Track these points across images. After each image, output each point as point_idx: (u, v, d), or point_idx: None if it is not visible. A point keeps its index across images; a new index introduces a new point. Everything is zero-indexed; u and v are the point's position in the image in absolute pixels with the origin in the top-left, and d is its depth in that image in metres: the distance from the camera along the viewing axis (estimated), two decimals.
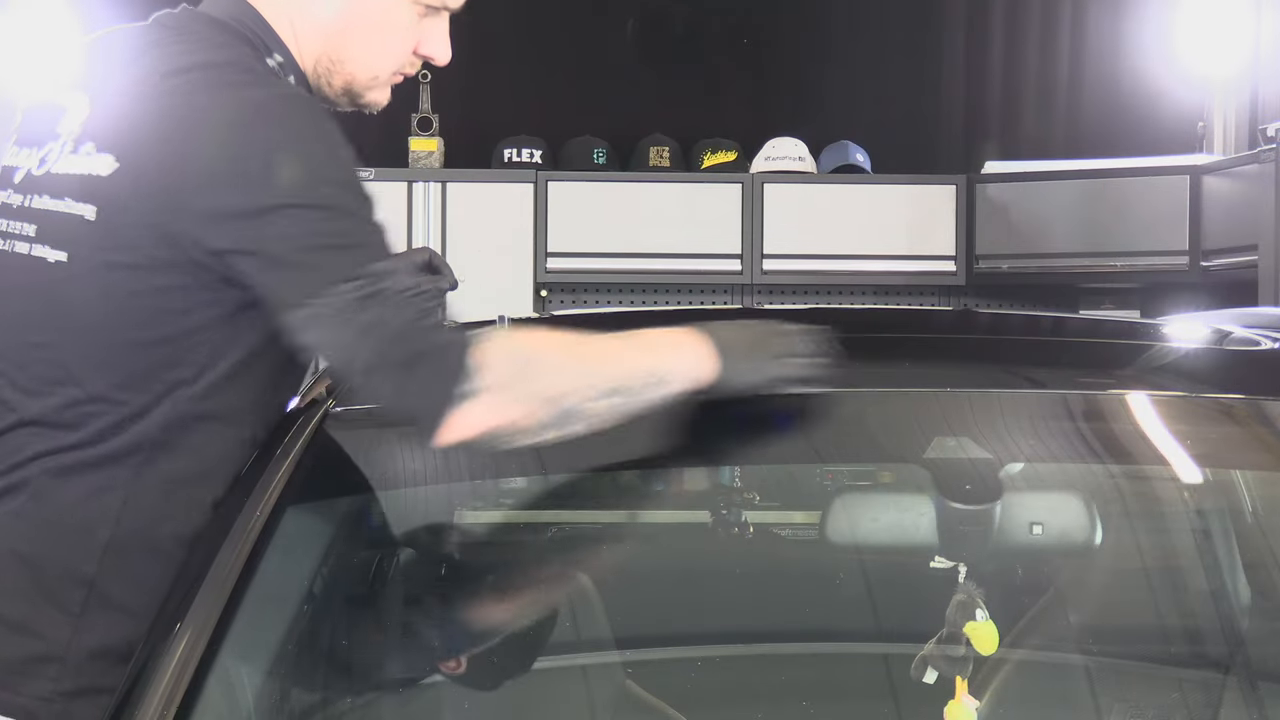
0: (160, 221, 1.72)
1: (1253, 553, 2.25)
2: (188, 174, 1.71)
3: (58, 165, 1.81)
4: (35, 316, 1.80)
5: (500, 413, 1.71)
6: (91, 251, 1.76)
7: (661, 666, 2.01)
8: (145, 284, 1.75)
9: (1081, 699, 2.02)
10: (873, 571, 2.13)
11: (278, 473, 1.79)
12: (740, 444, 1.98)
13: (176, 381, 1.77)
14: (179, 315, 1.76)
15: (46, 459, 1.78)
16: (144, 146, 1.75)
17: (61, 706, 1.75)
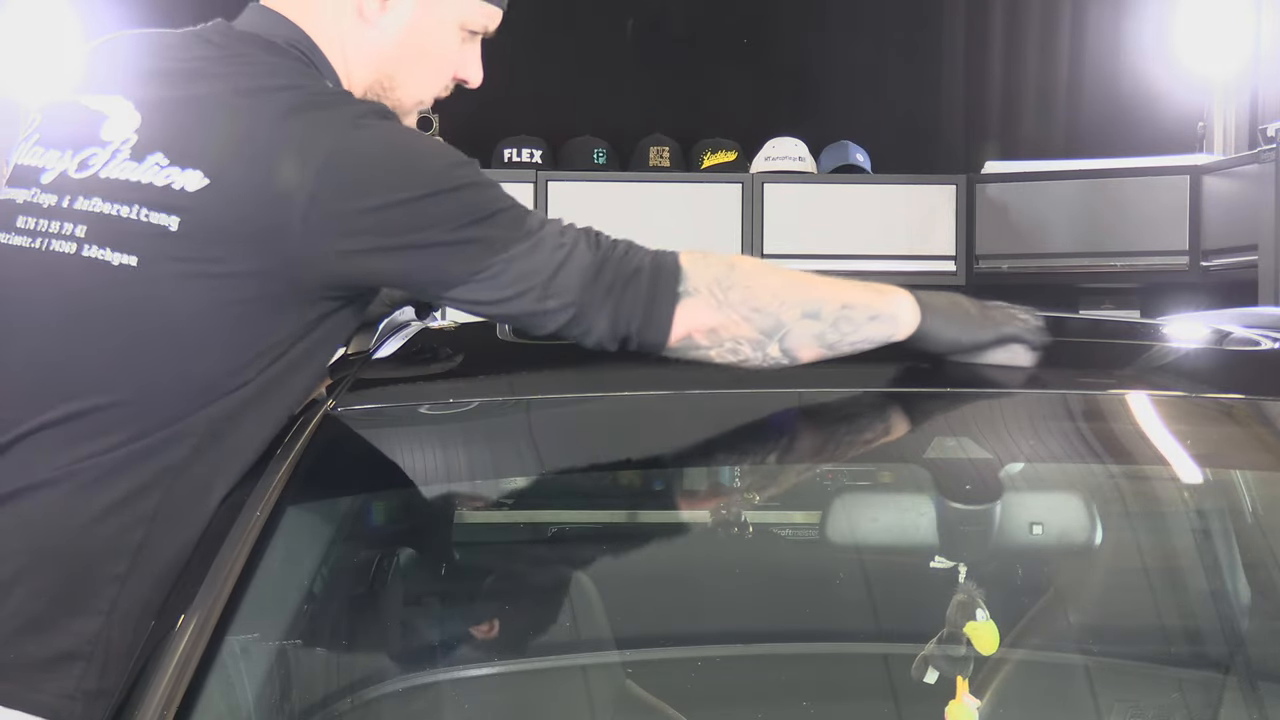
0: (263, 235, 1.73)
1: (1253, 553, 2.25)
2: (303, 187, 1.72)
3: (111, 171, 1.80)
4: (84, 317, 1.79)
5: (707, 315, 1.81)
6: (170, 260, 1.75)
7: (661, 666, 2.01)
8: (227, 296, 1.75)
9: (1081, 699, 2.02)
10: (873, 571, 2.13)
11: (278, 473, 1.79)
12: (740, 444, 1.99)
13: (224, 389, 1.77)
14: (252, 331, 1.77)
15: (85, 461, 1.77)
16: (241, 164, 1.75)
17: (84, 705, 1.75)
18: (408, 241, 1.75)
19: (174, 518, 1.78)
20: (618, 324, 1.79)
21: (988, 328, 1.91)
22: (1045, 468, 2.07)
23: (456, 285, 1.77)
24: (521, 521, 2.10)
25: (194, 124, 1.80)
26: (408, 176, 1.76)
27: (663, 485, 2.10)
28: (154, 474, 1.77)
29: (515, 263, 1.76)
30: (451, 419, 1.97)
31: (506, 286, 1.77)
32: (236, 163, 1.75)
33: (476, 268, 1.76)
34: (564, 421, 1.97)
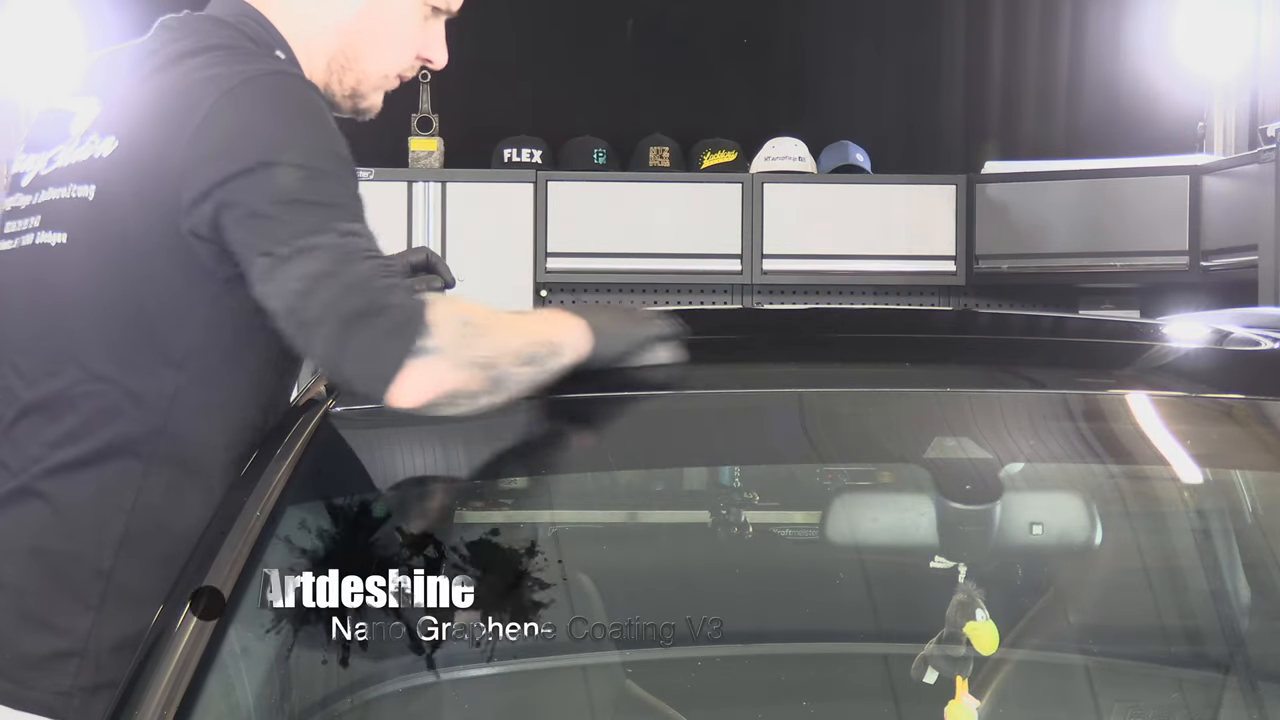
0: (154, 195, 1.76)
1: (1253, 553, 2.25)
2: (180, 143, 1.75)
3: (64, 159, 1.85)
4: (39, 301, 1.83)
5: (448, 375, 1.72)
6: (89, 230, 1.79)
7: (661, 666, 2.01)
8: (138, 260, 1.77)
9: (1081, 699, 2.02)
10: (873, 571, 2.13)
11: (278, 473, 1.79)
12: (740, 444, 1.98)
13: (170, 362, 1.79)
14: (169, 293, 1.78)
15: (58, 450, 1.79)
16: (142, 124, 1.79)
17: (81, 700, 1.76)
18: (234, 206, 1.73)
19: (153, 509, 1.80)
20: (350, 362, 1.72)
21: (640, 328, 1.89)
22: (1045, 468, 2.07)
23: (251, 262, 1.73)
24: (521, 521, 2.10)
25: (121, 98, 1.85)
26: (256, 143, 1.75)
27: (663, 485, 2.10)
28: (124, 464, 1.79)
29: (302, 256, 1.71)
30: (451, 419, 1.97)
31: (286, 279, 1.71)
32: (140, 123, 1.80)
33: (269, 247, 1.71)
34: (564, 421, 1.97)
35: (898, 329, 2.46)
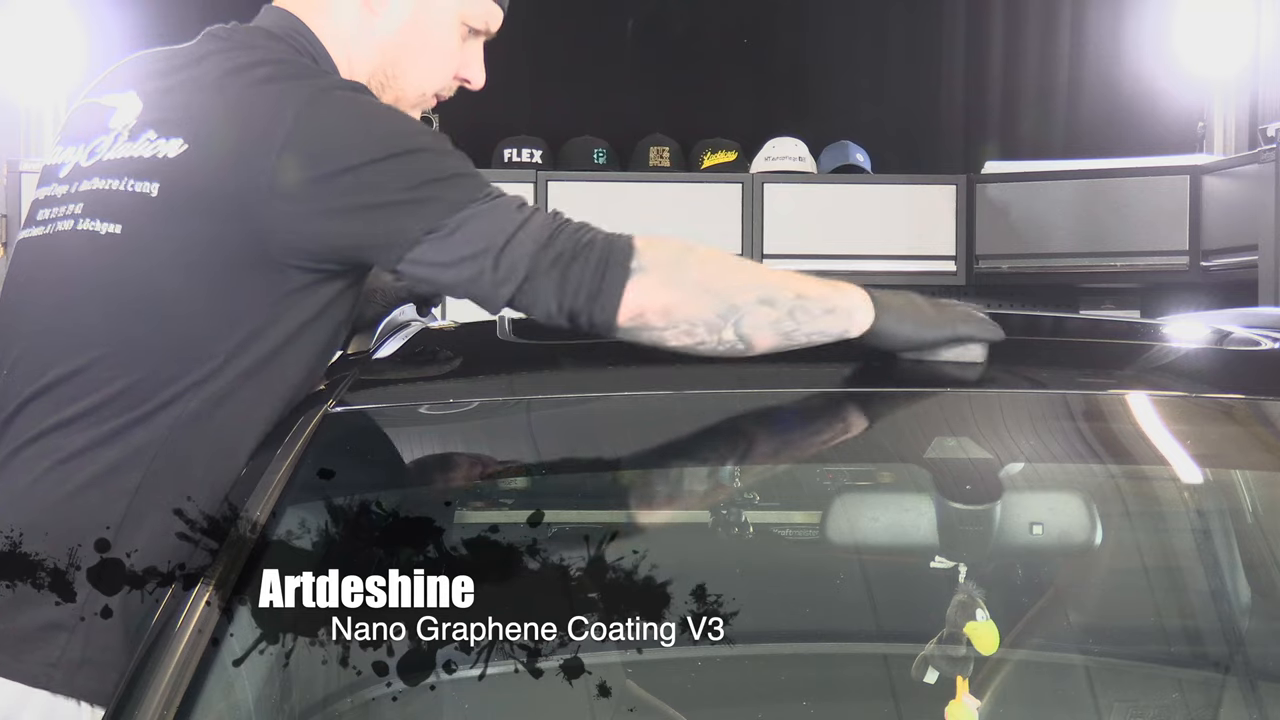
0: (232, 201, 1.79)
1: (1253, 553, 2.26)
2: (266, 151, 1.77)
3: (111, 153, 1.87)
4: (75, 287, 1.85)
5: (661, 292, 1.78)
6: (151, 224, 1.82)
7: (661, 666, 2.01)
8: (201, 261, 1.80)
9: (1081, 699, 2.02)
10: (873, 571, 2.13)
11: (278, 473, 1.79)
12: (740, 444, 1.99)
13: (201, 359, 1.82)
14: (227, 292, 1.81)
15: (69, 431, 1.81)
16: (216, 129, 1.82)
17: (63, 674, 1.77)
18: (364, 202, 1.77)
19: (156, 494, 1.81)
20: (565, 296, 1.79)
21: (942, 326, 1.90)
22: (1045, 468, 2.07)
23: (412, 245, 1.78)
24: (521, 521, 2.11)
25: (183, 100, 1.88)
26: (369, 140, 1.79)
27: (663, 485, 2.11)
28: (136, 448, 1.81)
29: (470, 223, 1.78)
30: (451, 419, 1.97)
31: (461, 247, 1.78)
32: (212, 128, 1.82)
33: (431, 225, 1.77)
34: (564, 421, 1.97)
35: None
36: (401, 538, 2.01)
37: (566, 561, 2.06)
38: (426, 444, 1.96)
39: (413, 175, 1.79)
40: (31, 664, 1.78)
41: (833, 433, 1.99)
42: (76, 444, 1.82)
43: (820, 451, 2.05)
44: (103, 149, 1.89)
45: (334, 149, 1.78)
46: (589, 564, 2.06)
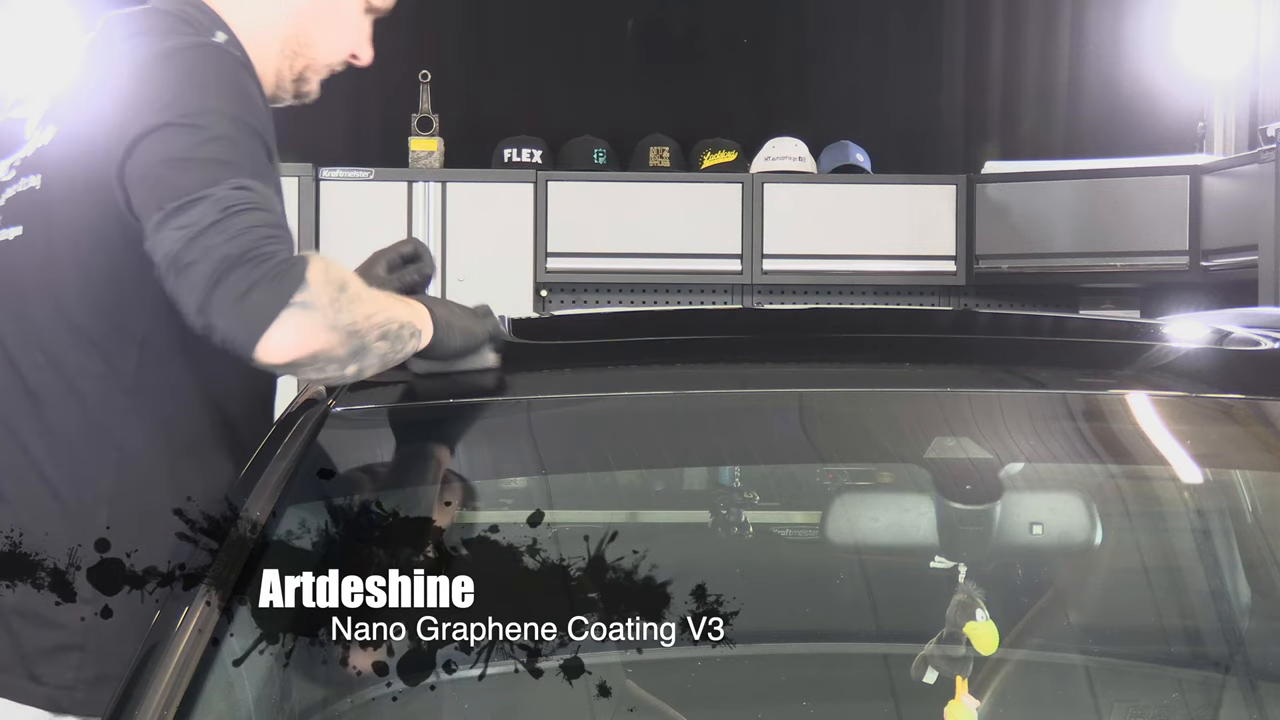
0: (93, 175, 1.80)
1: (1253, 553, 2.26)
2: (105, 118, 1.79)
3: (21, 157, 1.92)
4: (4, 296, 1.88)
5: (319, 335, 1.71)
6: (41, 218, 1.85)
7: (661, 666, 2.01)
8: (88, 240, 1.82)
9: (1081, 699, 2.02)
10: (873, 571, 2.13)
11: (277, 473, 1.79)
12: (741, 444, 1.98)
13: (132, 340, 1.82)
14: (120, 269, 1.81)
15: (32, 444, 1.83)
16: (76, 107, 1.86)
17: (84, 693, 1.77)
18: (144, 168, 1.75)
19: (136, 494, 1.83)
20: (213, 301, 1.67)
21: (477, 328, 1.89)
22: (1045, 468, 2.07)
23: (148, 218, 1.72)
24: (521, 521, 2.11)
25: (61, 90, 1.92)
26: (171, 102, 1.77)
27: (663, 485, 2.10)
28: (99, 450, 1.83)
29: (183, 210, 1.70)
30: (451, 419, 1.97)
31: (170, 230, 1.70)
32: (74, 105, 1.87)
33: (157, 203, 1.71)
34: (564, 421, 1.97)
35: (898, 329, 2.46)
36: (401, 538, 2.01)
37: (566, 561, 2.06)
38: (426, 444, 1.96)
39: (170, 150, 1.74)
40: (46, 686, 1.79)
41: (833, 433, 2.00)
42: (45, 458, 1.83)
43: (820, 451, 2.05)
44: (18, 158, 1.93)
45: (137, 113, 1.76)
46: (589, 564, 2.06)
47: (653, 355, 2.14)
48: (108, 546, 1.80)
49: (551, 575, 2.05)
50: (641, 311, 4.66)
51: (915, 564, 2.10)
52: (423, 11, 6.37)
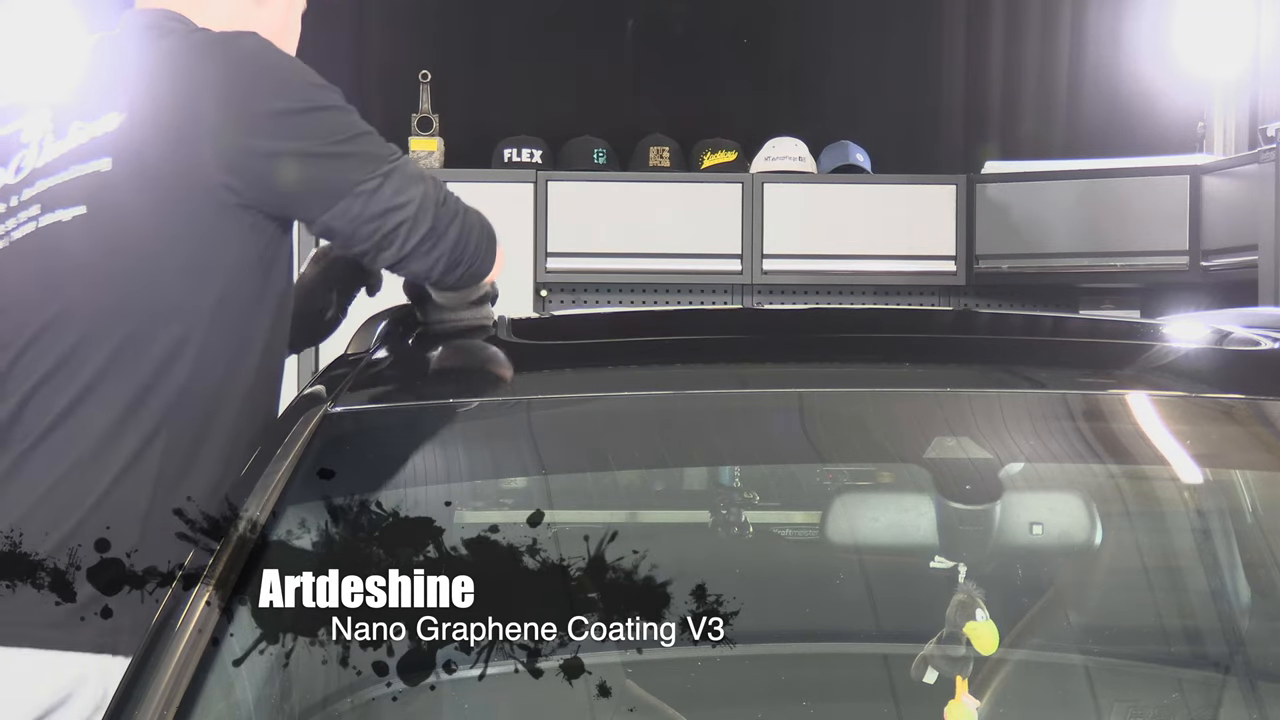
0: (179, 157, 1.90)
1: (1253, 553, 2.26)
2: (206, 107, 1.91)
3: (42, 158, 1.97)
4: (52, 274, 1.94)
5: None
6: (114, 195, 1.92)
7: (661, 666, 2.01)
8: (167, 219, 1.92)
9: (1081, 699, 2.02)
10: (873, 571, 2.13)
11: (278, 472, 1.79)
12: (741, 444, 1.99)
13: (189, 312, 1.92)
14: (190, 244, 1.93)
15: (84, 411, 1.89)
16: (148, 93, 1.93)
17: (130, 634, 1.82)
18: (297, 149, 1.93)
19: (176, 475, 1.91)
20: (457, 242, 2.01)
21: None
22: (1045, 468, 2.07)
23: (338, 198, 1.93)
24: (521, 521, 2.11)
25: (99, 82, 2.00)
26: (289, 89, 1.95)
27: (663, 485, 2.10)
28: (151, 427, 1.91)
29: (393, 176, 1.96)
30: (451, 419, 1.97)
31: (391, 195, 1.95)
32: (143, 93, 1.94)
33: (361, 178, 1.94)
34: (564, 421, 1.97)
35: (898, 329, 2.46)
36: (401, 538, 2.01)
37: (566, 561, 2.06)
38: (426, 444, 1.96)
39: (330, 131, 1.94)
40: (93, 631, 1.84)
41: (833, 433, 2.00)
42: (94, 430, 1.89)
43: (820, 451, 2.05)
44: (30, 160, 1.99)
45: (264, 90, 1.93)
46: (589, 564, 2.06)
47: (653, 355, 2.15)
48: (108, 546, 1.80)
49: (551, 575, 2.05)
50: (641, 311, 4.66)
51: (915, 564, 2.10)
52: (423, 11, 6.38)
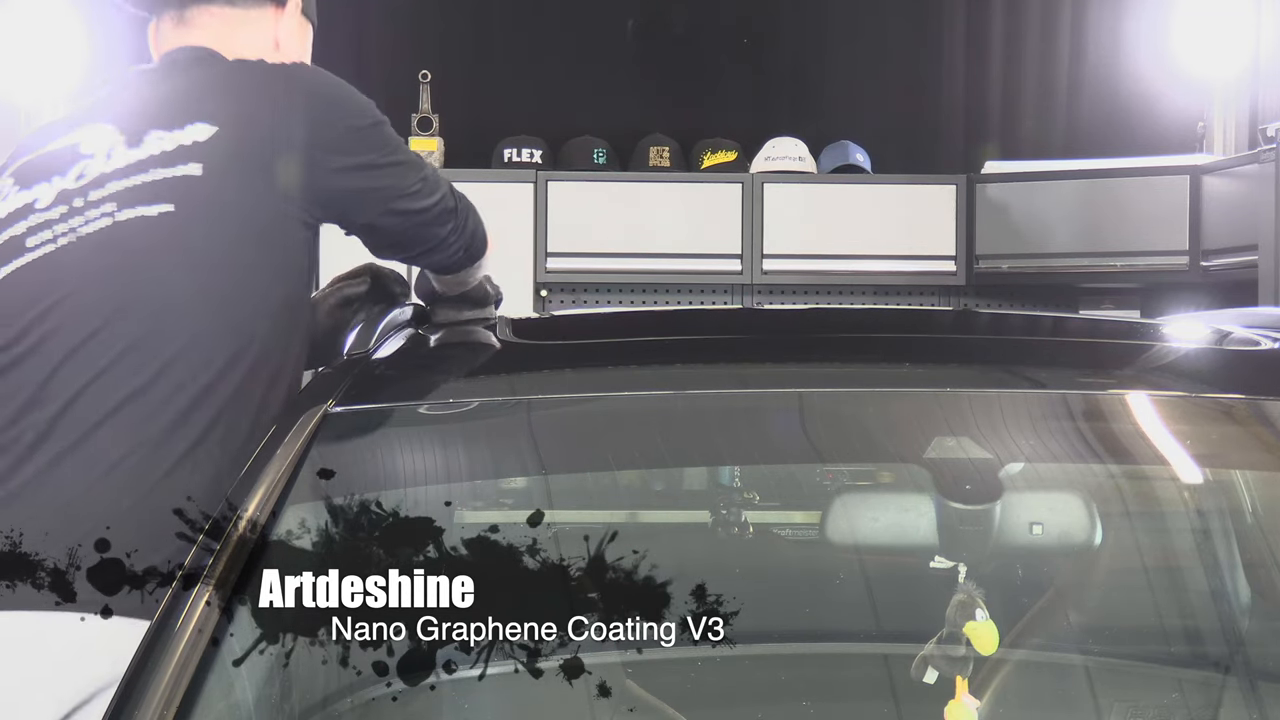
0: (270, 168, 2.11)
1: (1253, 553, 2.26)
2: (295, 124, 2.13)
3: (112, 164, 2.11)
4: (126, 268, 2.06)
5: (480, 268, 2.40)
6: (203, 195, 2.08)
7: (661, 666, 2.01)
8: (248, 221, 2.10)
9: (1081, 699, 2.02)
10: (873, 571, 2.13)
11: (278, 473, 1.79)
12: (741, 444, 1.99)
13: (257, 308, 2.09)
14: (269, 248, 2.11)
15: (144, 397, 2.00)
16: (241, 109, 2.14)
17: None
18: (365, 161, 2.18)
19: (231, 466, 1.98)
20: (472, 231, 2.32)
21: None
22: (1045, 468, 2.07)
23: (397, 198, 2.20)
24: (521, 521, 2.11)
25: (179, 97, 2.17)
26: (361, 108, 2.21)
27: (663, 485, 2.10)
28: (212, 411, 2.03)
29: (429, 179, 2.25)
30: (451, 419, 1.97)
31: (429, 195, 2.24)
32: (233, 108, 2.13)
33: (411, 182, 2.21)
34: (564, 421, 1.97)
35: (897, 329, 2.46)
36: (401, 538, 2.01)
37: (566, 561, 2.06)
38: (426, 444, 1.96)
39: (389, 143, 2.21)
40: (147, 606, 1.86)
41: (833, 433, 2.00)
42: (158, 417, 1.99)
43: (820, 451, 2.05)
44: (92, 169, 2.11)
45: (341, 111, 2.18)
46: (589, 564, 2.06)
47: (653, 355, 2.15)
48: (108, 546, 1.80)
49: (551, 575, 2.05)
50: (641, 311, 4.66)
51: (915, 564, 2.10)
52: (423, 11, 6.38)
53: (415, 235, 2.27)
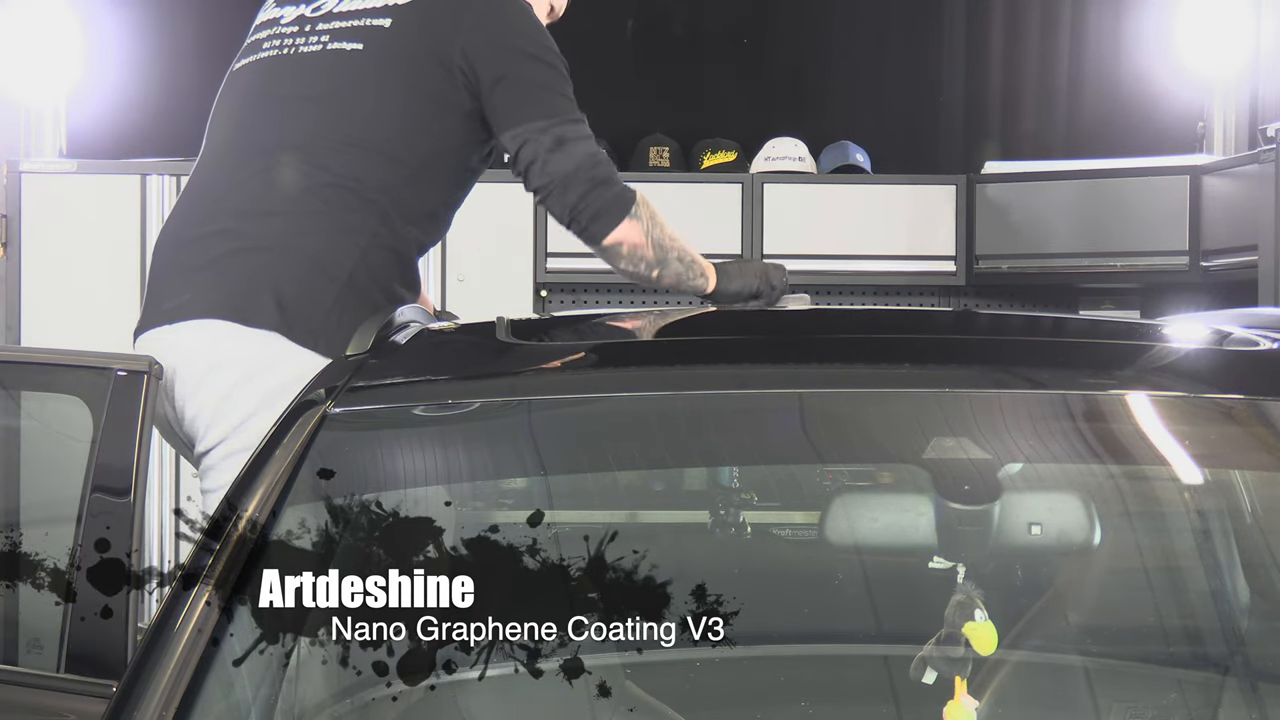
0: (436, 45, 2.61)
1: (1253, 553, 2.26)
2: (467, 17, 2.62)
3: (340, 7, 2.68)
4: (325, 86, 2.64)
5: (640, 237, 2.67)
6: (385, 44, 2.63)
7: (661, 666, 2.01)
8: (415, 75, 2.61)
9: (1081, 699, 2.02)
10: (872, 571, 2.13)
11: (277, 473, 1.79)
12: (740, 444, 1.99)
13: (404, 147, 2.59)
14: (426, 104, 2.61)
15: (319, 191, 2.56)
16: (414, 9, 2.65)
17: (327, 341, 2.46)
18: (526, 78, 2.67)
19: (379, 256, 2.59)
20: (579, 206, 2.62)
21: (759, 276, 2.76)
22: (1045, 468, 2.07)
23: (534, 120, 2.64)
24: (521, 521, 2.11)
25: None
26: (542, 40, 2.74)
27: (662, 486, 2.10)
28: (363, 217, 2.55)
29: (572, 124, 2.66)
30: (451, 419, 1.98)
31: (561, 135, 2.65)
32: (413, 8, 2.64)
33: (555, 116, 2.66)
34: (563, 422, 1.97)
35: (897, 329, 2.46)
36: (401, 538, 2.02)
37: (566, 561, 2.06)
38: (425, 444, 1.96)
39: (549, 79, 2.70)
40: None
41: (832, 433, 2.00)
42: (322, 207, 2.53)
43: (820, 451, 2.05)
44: (326, 5, 2.69)
45: (518, 34, 2.67)
46: (589, 564, 2.07)
47: (652, 356, 2.15)
48: (108, 546, 1.80)
49: (551, 575, 2.05)
50: (641, 312, 4.66)
51: (914, 564, 2.10)
52: None
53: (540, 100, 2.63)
